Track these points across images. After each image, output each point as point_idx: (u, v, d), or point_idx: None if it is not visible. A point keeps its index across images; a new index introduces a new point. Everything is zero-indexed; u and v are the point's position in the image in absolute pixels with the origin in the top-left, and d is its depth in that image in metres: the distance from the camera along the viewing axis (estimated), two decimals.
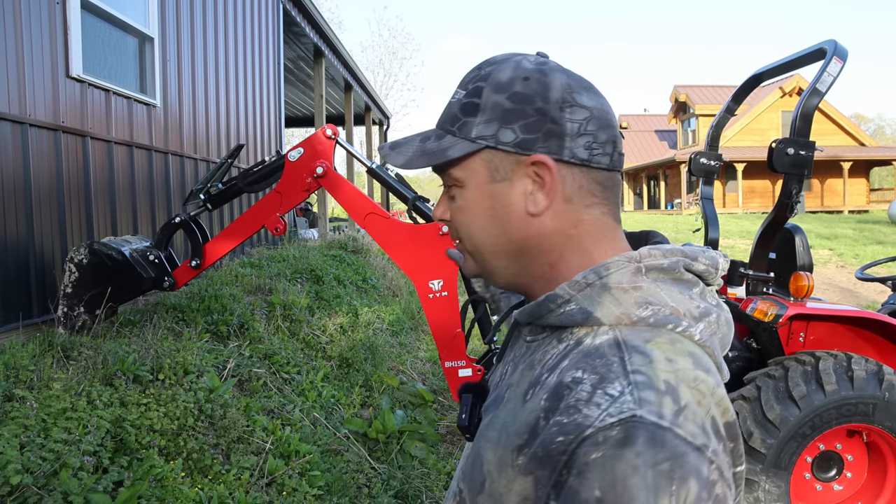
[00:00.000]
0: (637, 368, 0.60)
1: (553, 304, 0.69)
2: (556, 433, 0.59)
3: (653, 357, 0.61)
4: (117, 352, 3.10)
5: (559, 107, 0.69)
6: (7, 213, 3.35)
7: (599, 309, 0.67)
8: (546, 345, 0.71)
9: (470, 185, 0.73)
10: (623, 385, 0.59)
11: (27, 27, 3.49)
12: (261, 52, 7.76)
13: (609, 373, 0.60)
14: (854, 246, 13.75)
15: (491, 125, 0.70)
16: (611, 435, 0.56)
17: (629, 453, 0.55)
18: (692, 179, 24.29)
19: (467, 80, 0.75)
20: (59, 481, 2.12)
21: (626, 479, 0.54)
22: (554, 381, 0.64)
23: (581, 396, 0.60)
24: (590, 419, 0.57)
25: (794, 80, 26.76)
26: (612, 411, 0.57)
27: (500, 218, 0.73)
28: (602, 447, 0.55)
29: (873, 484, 2.93)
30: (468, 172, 0.73)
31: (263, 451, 3.01)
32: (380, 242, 3.21)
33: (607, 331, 0.66)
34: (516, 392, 0.70)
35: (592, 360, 0.63)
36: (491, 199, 0.72)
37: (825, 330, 3.02)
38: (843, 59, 2.67)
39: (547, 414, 0.62)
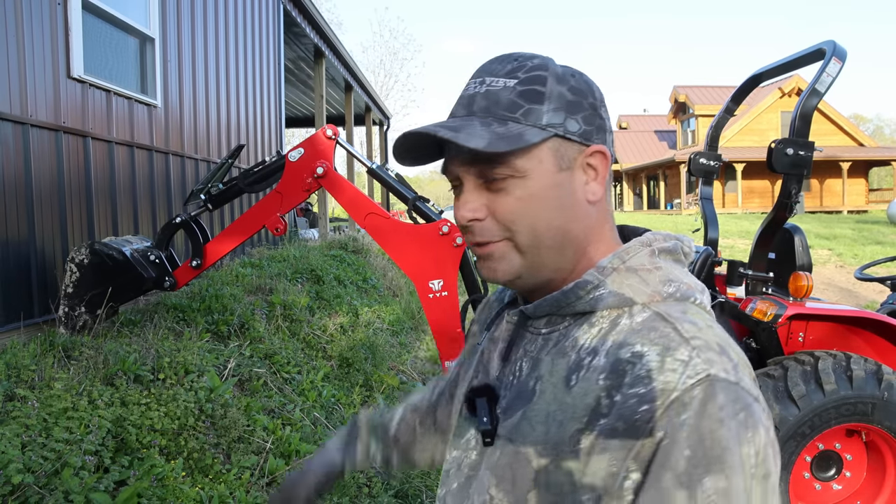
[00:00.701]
0: (693, 335, 0.65)
1: (582, 291, 0.72)
2: (637, 403, 0.62)
3: (699, 324, 0.67)
4: (118, 351, 3.11)
5: (601, 105, 0.75)
6: (8, 213, 3.35)
7: (630, 290, 0.71)
8: (572, 332, 0.72)
9: (535, 175, 0.71)
10: (688, 350, 0.64)
11: (28, 28, 3.50)
12: (261, 52, 7.77)
13: (670, 342, 0.65)
14: (853, 246, 13.76)
15: (558, 114, 0.72)
16: (694, 395, 0.60)
17: (712, 409, 0.60)
18: (692, 179, 24.30)
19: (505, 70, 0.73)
20: (60, 480, 2.13)
21: (714, 432, 0.59)
22: (604, 361, 0.67)
23: (651, 366, 0.63)
24: (671, 384, 0.61)
25: (794, 80, 26.77)
26: (689, 373, 0.62)
27: (565, 208, 0.73)
28: (689, 407, 0.60)
29: (872, 483, 2.94)
30: (534, 161, 0.71)
31: (264, 450, 3.02)
32: (380, 242, 3.22)
33: (643, 309, 0.70)
34: (552, 381, 0.70)
35: (647, 334, 0.66)
36: (557, 188, 0.72)
37: (824, 330, 3.02)
38: (841, 59, 2.67)
39: (610, 391, 0.65)
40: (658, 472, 0.60)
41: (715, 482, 0.58)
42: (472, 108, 0.72)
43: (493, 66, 0.74)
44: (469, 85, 0.75)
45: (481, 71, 0.75)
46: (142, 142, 4.74)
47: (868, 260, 11.16)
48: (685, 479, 0.59)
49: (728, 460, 0.59)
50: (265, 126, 7.98)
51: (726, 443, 0.59)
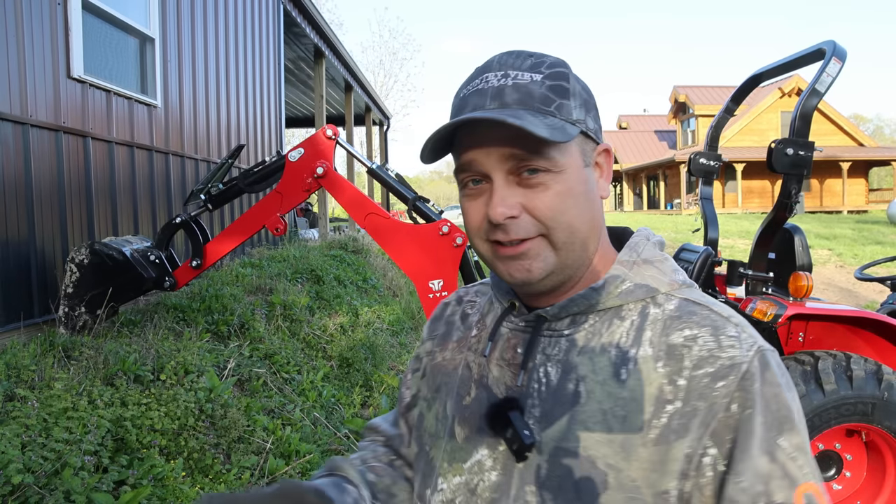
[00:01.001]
0: (729, 313, 0.71)
1: (612, 286, 0.73)
2: (711, 381, 0.65)
3: (720, 304, 0.72)
4: (118, 352, 3.11)
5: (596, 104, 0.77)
6: (8, 213, 3.35)
7: (653, 281, 0.74)
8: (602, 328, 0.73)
9: (569, 170, 0.70)
10: (733, 327, 0.69)
11: (28, 28, 3.50)
12: (261, 52, 7.77)
13: (714, 322, 0.69)
14: (853, 246, 13.76)
15: (581, 110, 0.72)
16: (756, 365, 0.66)
17: (770, 375, 0.66)
18: (692, 179, 24.31)
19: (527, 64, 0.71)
20: (60, 480, 2.13)
21: (777, 395, 0.65)
22: (654, 350, 0.69)
23: (710, 346, 0.67)
24: (737, 358, 0.66)
25: (794, 80, 26.77)
26: (745, 346, 0.67)
27: (591, 202, 0.73)
28: (756, 376, 0.65)
29: (872, 483, 2.94)
30: (567, 156, 0.70)
31: (264, 450, 3.02)
32: (380, 243, 3.22)
33: (668, 297, 0.73)
34: (598, 380, 0.70)
35: (689, 319, 0.70)
36: (585, 183, 0.72)
37: (824, 330, 3.02)
38: (841, 59, 2.67)
39: (671, 377, 0.67)
40: (745, 443, 0.63)
41: (790, 440, 0.64)
42: (505, 100, 0.69)
43: (511, 60, 0.72)
44: (487, 78, 0.71)
45: (500, 64, 0.72)
46: (142, 142, 4.74)
47: (868, 260, 11.17)
48: (765, 444, 0.63)
49: (794, 418, 0.65)
50: (265, 126, 7.98)
51: (789, 403, 0.66)
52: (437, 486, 0.78)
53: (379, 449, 0.95)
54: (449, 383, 0.83)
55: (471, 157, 0.71)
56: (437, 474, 0.79)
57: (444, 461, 0.78)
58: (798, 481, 0.63)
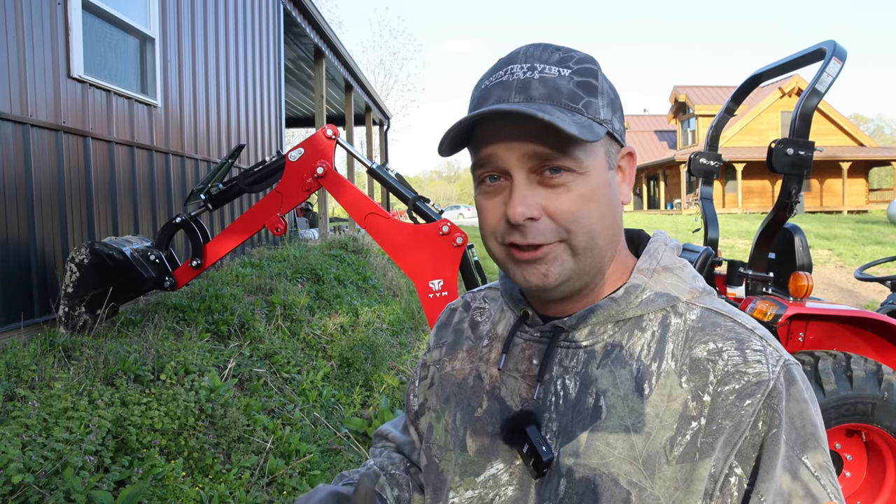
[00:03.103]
0: (753, 325, 0.68)
1: (633, 295, 0.70)
2: (738, 399, 0.63)
3: (742, 315, 0.69)
4: (118, 351, 3.11)
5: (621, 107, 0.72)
6: (9, 212, 3.35)
7: (673, 289, 0.71)
8: (622, 340, 0.69)
9: (594, 171, 0.66)
10: (757, 340, 0.66)
11: (28, 28, 3.50)
12: (261, 52, 7.77)
13: (739, 335, 0.66)
14: (853, 246, 13.76)
15: (608, 110, 0.68)
16: (781, 381, 0.64)
17: (796, 391, 0.64)
18: (692, 179, 24.30)
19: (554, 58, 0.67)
20: (61, 480, 2.13)
21: (803, 412, 0.63)
22: (678, 364, 0.66)
23: (736, 361, 0.65)
24: (763, 374, 0.64)
25: (794, 80, 26.77)
26: (771, 362, 0.64)
27: (614, 206, 0.69)
28: (782, 393, 0.63)
29: (872, 483, 2.94)
30: (592, 157, 0.66)
31: (264, 450, 3.02)
32: (380, 242, 3.22)
33: (689, 306, 0.70)
34: (619, 394, 0.66)
35: (711, 331, 0.67)
36: (609, 187, 0.68)
37: (824, 330, 3.02)
38: (842, 59, 2.67)
39: (696, 393, 0.64)
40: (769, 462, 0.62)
41: (814, 458, 0.63)
42: (531, 94, 0.64)
43: (538, 52, 0.67)
44: (512, 70, 0.66)
45: (526, 56, 0.67)
46: (142, 142, 4.74)
47: (868, 260, 11.17)
48: (788, 462, 0.62)
49: (819, 434, 0.64)
50: (265, 126, 7.98)
51: (814, 419, 0.64)
52: (448, 499, 0.75)
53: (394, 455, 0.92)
54: (459, 394, 0.80)
55: (491, 152, 0.66)
56: (447, 488, 0.76)
57: (455, 474, 0.75)
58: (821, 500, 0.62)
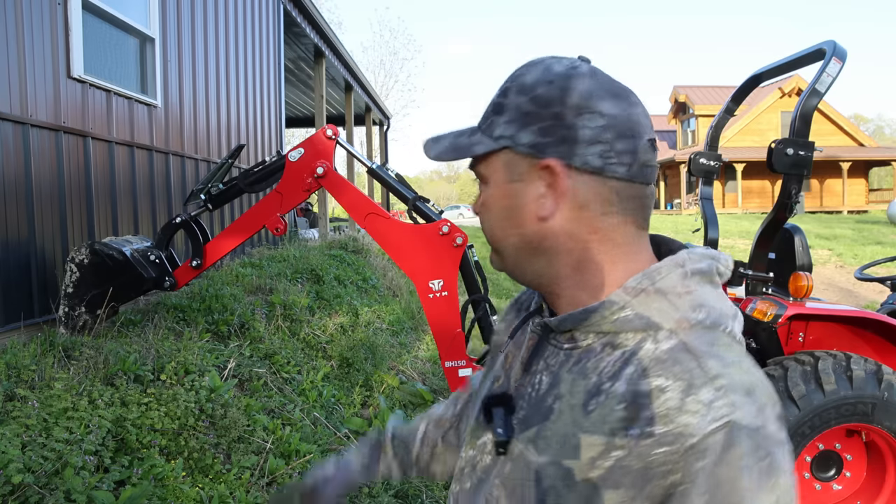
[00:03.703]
0: (718, 373, 0.62)
1: (608, 311, 0.69)
2: (654, 444, 0.60)
3: (726, 360, 0.63)
4: (118, 351, 3.11)
5: (576, 112, 0.69)
6: (8, 213, 3.35)
7: (658, 314, 0.67)
8: (596, 352, 0.70)
9: (492, 183, 0.75)
10: (711, 391, 0.60)
11: (28, 28, 3.50)
12: (261, 52, 7.77)
13: (694, 379, 0.61)
14: (853, 246, 13.77)
15: (511, 126, 0.72)
16: (714, 441, 0.58)
17: (733, 457, 0.58)
18: (692, 179, 24.30)
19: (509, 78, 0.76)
20: (61, 480, 2.13)
21: (734, 481, 0.57)
22: (624, 389, 0.64)
23: (671, 405, 0.61)
24: (690, 427, 0.59)
25: (794, 80, 26.78)
26: (711, 417, 0.59)
27: (515, 217, 0.73)
28: (708, 454, 0.58)
29: (872, 483, 2.94)
30: (491, 170, 0.75)
31: (264, 450, 3.02)
32: (380, 242, 3.22)
33: (669, 336, 0.66)
34: (570, 403, 0.68)
35: (670, 367, 0.63)
36: (508, 198, 0.73)
37: (824, 330, 3.02)
38: (842, 59, 2.67)
39: (626, 424, 0.62)
40: None
41: None
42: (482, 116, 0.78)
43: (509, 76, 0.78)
44: None
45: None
46: (142, 142, 4.75)
47: (868, 260, 11.17)
48: None
49: None
50: (265, 126, 7.98)
51: (745, 492, 0.57)
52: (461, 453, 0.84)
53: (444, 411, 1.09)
54: (492, 365, 0.89)
55: None
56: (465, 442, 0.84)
57: (468, 433, 0.84)
58: None
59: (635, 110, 0.71)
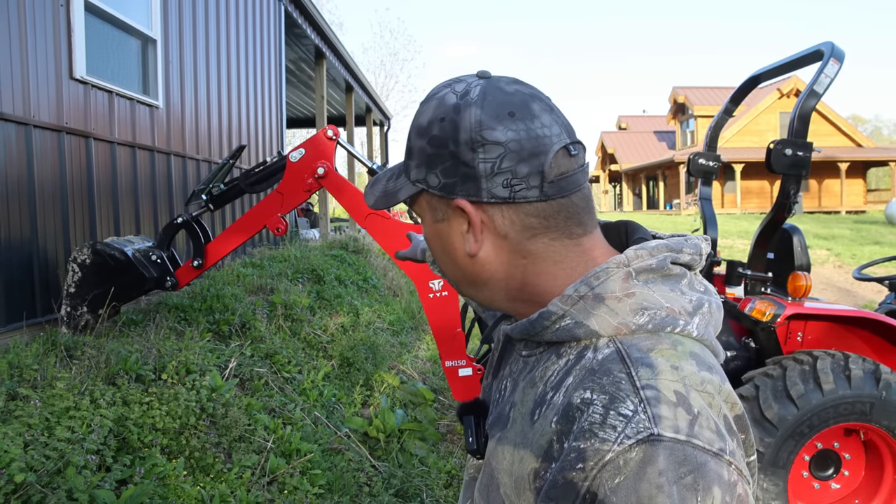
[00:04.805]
0: (646, 383, 0.59)
1: (547, 321, 0.67)
2: (575, 459, 0.58)
3: (659, 368, 0.60)
4: (120, 351, 3.12)
5: (469, 148, 0.66)
6: (11, 213, 3.36)
7: (596, 321, 0.64)
8: (545, 360, 0.69)
9: (424, 222, 0.76)
10: (635, 403, 0.58)
11: (31, 29, 3.51)
12: (262, 53, 7.78)
13: (618, 391, 0.59)
14: (851, 246, 13.78)
15: (420, 170, 0.71)
16: (631, 457, 0.55)
17: (652, 473, 0.54)
18: (691, 180, 24.32)
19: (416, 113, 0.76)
20: (63, 479, 2.14)
21: (652, 498, 0.54)
22: (561, 401, 0.63)
23: (594, 419, 0.58)
24: (608, 443, 0.56)
25: (792, 81, 26.80)
26: (629, 433, 0.56)
27: (449, 254, 0.74)
28: (624, 470, 0.55)
29: (870, 482, 2.95)
30: (420, 210, 0.75)
31: (265, 449, 3.03)
32: (381, 243, 3.23)
33: (608, 343, 0.64)
34: (521, 412, 0.68)
35: (599, 379, 0.61)
36: (438, 237, 0.74)
37: (823, 329, 3.04)
38: (840, 60, 2.69)
39: (560, 437, 0.61)
40: None
41: None
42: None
43: None
44: None
45: None
46: (144, 142, 4.76)
47: (866, 260, 11.18)
48: None
49: None
50: (266, 127, 7.99)
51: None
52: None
53: None
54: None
55: None
56: None
57: None
58: None
59: (535, 124, 0.66)
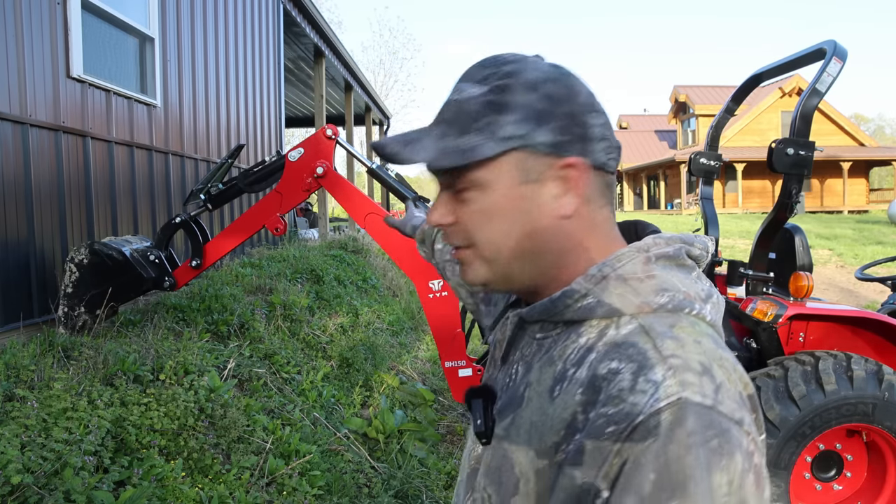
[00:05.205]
0: (672, 353, 0.62)
1: (570, 300, 0.70)
2: (605, 424, 0.60)
3: (683, 341, 0.63)
4: (118, 352, 3.10)
5: (586, 111, 0.70)
6: (8, 213, 3.35)
7: (619, 300, 0.68)
8: (563, 340, 0.71)
9: (496, 187, 0.70)
10: (663, 370, 0.61)
11: (28, 27, 3.49)
12: (261, 52, 7.77)
13: (646, 360, 0.62)
14: (853, 246, 13.76)
15: (523, 125, 0.69)
16: (661, 419, 0.58)
17: (681, 434, 0.57)
18: (692, 179, 24.30)
19: (481, 76, 0.72)
20: (60, 481, 2.13)
21: (681, 459, 0.56)
22: (584, 374, 0.65)
23: (623, 385, 0.61)
24: (638, 406, 0.59)
25: (794, 80, 26.77)
26: (659, 396, 0.59)
27: (530, 220, 0.71)
28: (654, 432, 0.57)
29: (873, 483, 2.94)
30: (495, 174, 0.70)
31: (264, 450, 3.02)
32: (380, 242, 3.22)
33: (630, 320, 0.67)
34: (538, 390, 0.70)
35: (625, 350, 0.64)
36: (520, 200, 0.70)
37: (825, 330, 3.02)
38: (842, 59, 2.67)
39: (585, 407, 0.63)
40: (621, 496, 0.57)
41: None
42: (442, 117, 0.72)
43: (473, 71, 0.73)
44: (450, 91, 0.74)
45: (461, 76, 0.74)
46: (141, 142, 4.74)
47: (868, 260, 11.16)
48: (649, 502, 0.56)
49: (691, 489, 0.55)
50: (265, 126, 7.98)
51: (692, 471, 0.56)
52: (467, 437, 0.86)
53: None
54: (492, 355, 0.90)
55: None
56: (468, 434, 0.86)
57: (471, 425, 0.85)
58: None
59: None
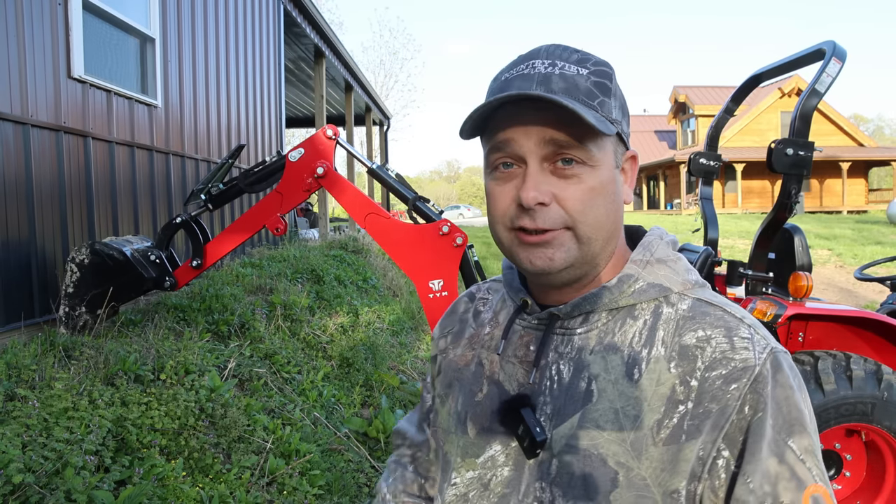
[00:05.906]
0: (742, 315, 0.71)
1: (626, 285, 0.73)
2: (724, 384, 0.66)
3: (732, 304, 0.73)
4: (119, 351, 3.11)
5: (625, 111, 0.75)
6: (9, 213, 3.35)
7: (666, 280, 0.74)
8: (615, 327, 0.72)
9: (603, 166, 0.70)
10: (747, 328, 0.69)
11: (29, 28, 3.50)
12: (261, 52, 7.77)
13: (728, 323, 0.69)
14: (853, 246, 13.76)
15: (619, 112, 0.72)
16: (768, 367, 0.66)
17: (782, 378, 0.66)
18: (691, 180, 24.30)
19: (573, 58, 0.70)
20: (61, 480, 2.13)
21: (789, 398, 0.66)
22: (666, 351, 0.69)
23: (723, 348, 0.68)
24: (749, 360, 0.66)
25: (793, 80, 26.77)
26: (759, 349, 0.67)
27: (617, 203, 0.73)
28: (768, 379, 0.66)
29: (872, 483, 2.94)
30: (603, 153, 0.70)
31: (264, 450, 3.02)
32: (380, 242, 3.22)
33: (680, 297, 0.73)
34: (611, 378, 0.70)
35: (702, 319, 0.70)
36: (614, 183, 0.73)
37: (824, 330, 3.03)
38: (841, 59, 2.67)
39: (683, 378, 0.67)
40: (755, 445, 0.64)
41: (800, 442, 0.65)
42: (552, 87, 0.68)
43: (558, 51, 0.71)
44: (534, 64, 0.70)
45: (547, 53, 0.70)
46: (142, 142, 4.75)
47: (868, 260, 11.17)
48: (774, 446, 0.64)
49: (805, 420, 0.66)
50: (265, 126, 7.98)
51: (800, 405, 0.66)
52: (451, 480, 0.79)
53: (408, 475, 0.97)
54: (461, 379, 0.84)
55: (509, 137, 0.69)
56: (451, 469, 0.80)
57: (457, 456, 0.80)
58: (806, 483, 0.64)
59: None
